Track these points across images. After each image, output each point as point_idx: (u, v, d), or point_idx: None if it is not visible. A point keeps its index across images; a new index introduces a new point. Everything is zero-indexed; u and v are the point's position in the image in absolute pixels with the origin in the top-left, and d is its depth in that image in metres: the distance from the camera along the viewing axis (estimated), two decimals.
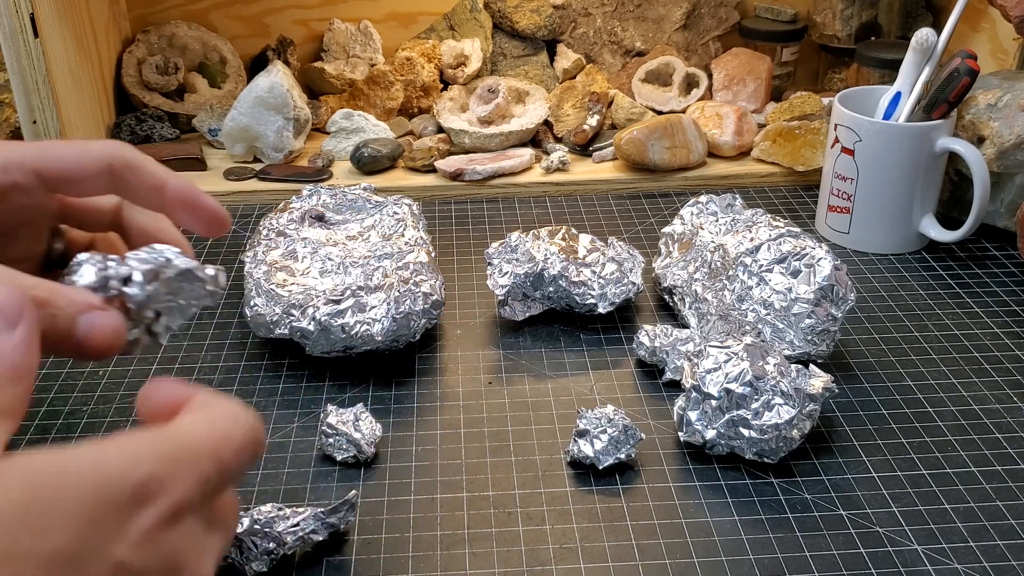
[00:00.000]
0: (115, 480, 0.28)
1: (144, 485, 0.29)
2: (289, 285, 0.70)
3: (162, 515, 0.29)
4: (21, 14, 0.87)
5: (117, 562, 0.28)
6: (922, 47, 0.83)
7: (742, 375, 0.58)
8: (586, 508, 0.57)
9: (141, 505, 0.29)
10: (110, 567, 0.28)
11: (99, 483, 0.28)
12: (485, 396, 0.67)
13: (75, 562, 0.27)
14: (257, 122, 0.99)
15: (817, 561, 0.53)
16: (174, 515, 0.30)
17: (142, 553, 0.29)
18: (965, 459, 0.61)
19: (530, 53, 1.13)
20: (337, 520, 0.54)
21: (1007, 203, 0.85)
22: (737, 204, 0.78)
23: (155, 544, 0.29)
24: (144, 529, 0.29)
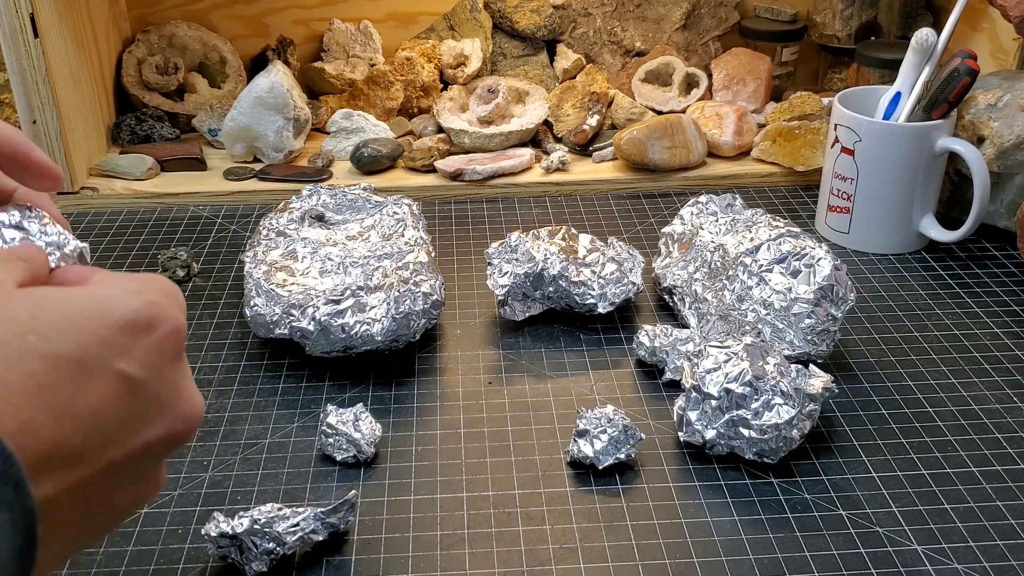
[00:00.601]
0: (116, 309, 0.32)
1: (139, 317, 0.33)
2: (289, 285, 0.70)
3: (160, 340, 0.33)
4: (21, 14, 0.87)
5: (117, 370, 0.32)
6: (922, 47, 0.83)
7: (742, 375, 0.58)
8: (586, 508, 0.57)
9: (144, 331, 0.33)
10: (111, 373, 0.31)
11: (102, 311, 0.32)
12: (485, 396, 0.67)
13: (77, 364, 0.31)
14: (257, 122, 0.99)
15: (817, 561, 0.53)
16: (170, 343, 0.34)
17: (140, 367, 0.32)
18: (965, 459, 0.61)
19: (530, 53, 1.13)
20: (337, 520, 0.54)
21: (1007, 203, 0.85)
22: (737, 204, 0.78)
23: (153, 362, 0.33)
24: (148, 346, 0.33)
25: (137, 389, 0.33)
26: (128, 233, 0.91)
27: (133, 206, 0.96)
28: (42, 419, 0.29)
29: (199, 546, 0.54)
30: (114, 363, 0.32)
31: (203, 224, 0.92)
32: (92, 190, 0.96)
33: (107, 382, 0.32)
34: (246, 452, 0.62)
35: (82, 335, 0.31)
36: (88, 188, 0.96)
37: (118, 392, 0.32)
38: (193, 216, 0.94)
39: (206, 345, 0.73)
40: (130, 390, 0.32)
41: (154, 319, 0.33)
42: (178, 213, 0.95)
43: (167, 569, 0.53)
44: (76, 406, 0.30)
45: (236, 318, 0.76)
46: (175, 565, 0.53)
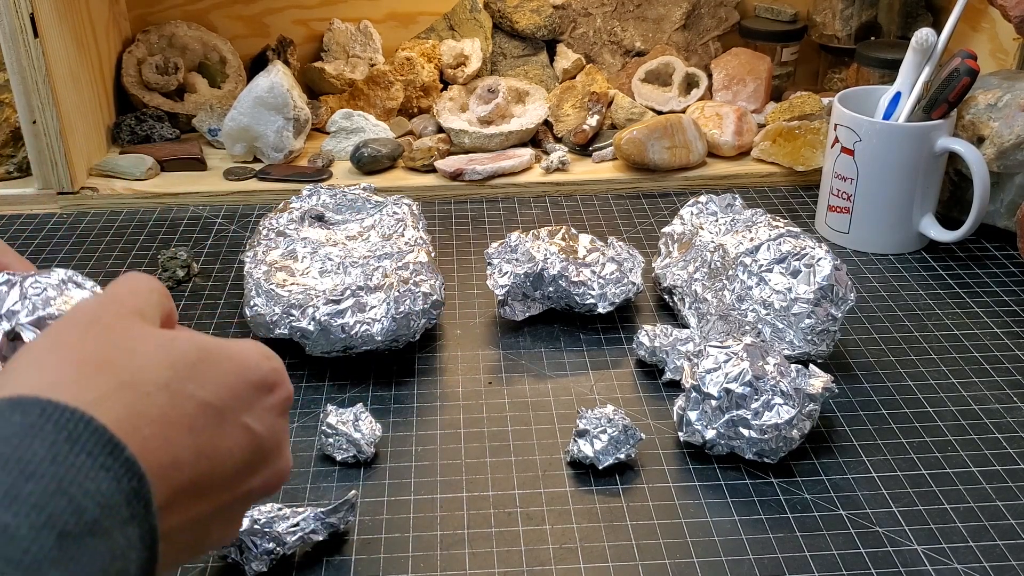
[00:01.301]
0: (252, 369, 0.37)
1: (269, 378, 0.38)
2: (289, 285, 0.70)
3: (278, 402, 0.38)
4: (21, 14, 0.87)
5: (244, 423, 0.36)
6: (922, 47, 0.83)
7: (742, 375, 0.58)
8: (586, 508, 0.57)
9: (267, 391, 0.37)
10: (240, 425, 0.36)
11: (242, 366, 0.37)
12: (485, 396, 0.67)
13: (218, 413, 0.35)
14: (257, 122, 0.99)
15: (817, 561, 0.53)
16: (283, 407, 0.39)
17: (260, 424, 0.37)
18: (965, 459, 0.61)
19: (530, 53, 1.13)
20: (337, 520, 0.54)
21: (1007, 203, 0.85)
22: (737, 204, 0.78)
23: (271, 421, 0.37)
24: (268, 407, 0.37)
25: (256, 442, 0.36)
26: (128, 233, 0.91)
27: (133, 206, 0.96)
28: (188, 456, 0.33)
29: None
30: (243, 416, 0.36)
31: (203, 224, 0.92)
32: (92, 190, 0.96)
33: (237, 433, 0.36)
34: None
35: (225, 388, 0.35)
36: (88, 188, 0.96)
37: (243, 442, 0.36)
38: (193, 216, 0.94)
39: None
40: (251, 442, 0.36)
41: (277, 383, 0.38)
42: (178, 213, 0.95)
43: None
44: (213, 449, 0.34)
45: (236, 318, 0.76)
46: None
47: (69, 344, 0.33)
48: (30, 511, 0.27)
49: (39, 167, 0.94)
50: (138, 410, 0.32)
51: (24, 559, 0.26)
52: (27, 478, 0.27)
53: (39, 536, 0.27)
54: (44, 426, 0.29)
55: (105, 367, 0.32)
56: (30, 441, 0.28)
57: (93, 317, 0.35)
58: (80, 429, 0.29)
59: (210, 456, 0.34)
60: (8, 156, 0.99)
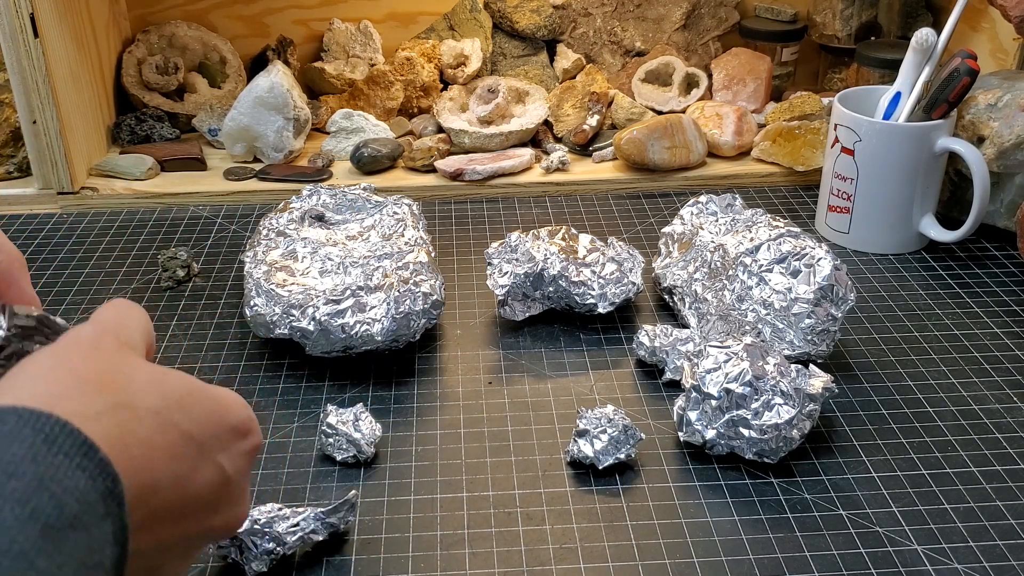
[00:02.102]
0: (232, 412, 0.39)
1: (245, 424, 0.40)
2: (289, 285, 0.70)
3: (249, 448, 0.40)
4: (21, 14, 0.87)
5: (218, 462, 0.38)
6: (922, 47, 0.83)
7: (742, 375, 0.58)
8: (586, 508, 0.57)
9: (242, 436, 0.40)
10: (214, 463, 0.38)
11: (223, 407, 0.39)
12: (485, 396, 0.67)
13: (198, 447, 0.37)
14: (257, 122, 0.99)
15: (817, 561, 0.53)
16: (253, 454, 0.41)
17: (231, 465, 0.39)
18: (965, 459, 0.61)
19: (530, 53, 1.13)
20: (337, 520, 0.54)
21: (1007, 203, 0.85)
22: (737, 204, 0.78)
23: (240, 465, 0.40)
24: (240, 451, 0.40)
25: (225, 480, 0.39)
26: (128, 233, 0.91)
27: (133, 206, 0.96)
28: (166, 482, 0.35)
29: None
30: (218, 455, 0.38)
31: (203, 224, 0.92)
32: (92, 190, 0.96)
33: (211, 468, 0.38)
34: None
35: (207, 425, 0.38)
36: (88, 188, 0.96)
37: (214, 479, 0.38)
38: (193, 216, 0.94)
39: (206, 345, 0.73)
40: (222, 480, 0.38)
41: (251, 431, 0.41)
42: (178, 213, 0.95)
43: None
44: (188, 480, 0.36)
45: (236, 318, 0.76)
46: None
47: (72, 363, 0.36)
48: (15, 505, 0.29)
49: (39, 167, 0.94)
50: (129, 429, 0.34)
51: (12, 548, 0.28)
52: (9, 476, 0.29)
53: (24, 528, 0.29)
54: (22, 430, 0.31)
55: (105, 387, 0.35)
56: (9, 443, 0.30)
57: (94, 343, 0.38)
58: (56, 432, 0.31)
59: (185, 486, 0.36)
60: (8, 156, 0.99)
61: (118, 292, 0.80)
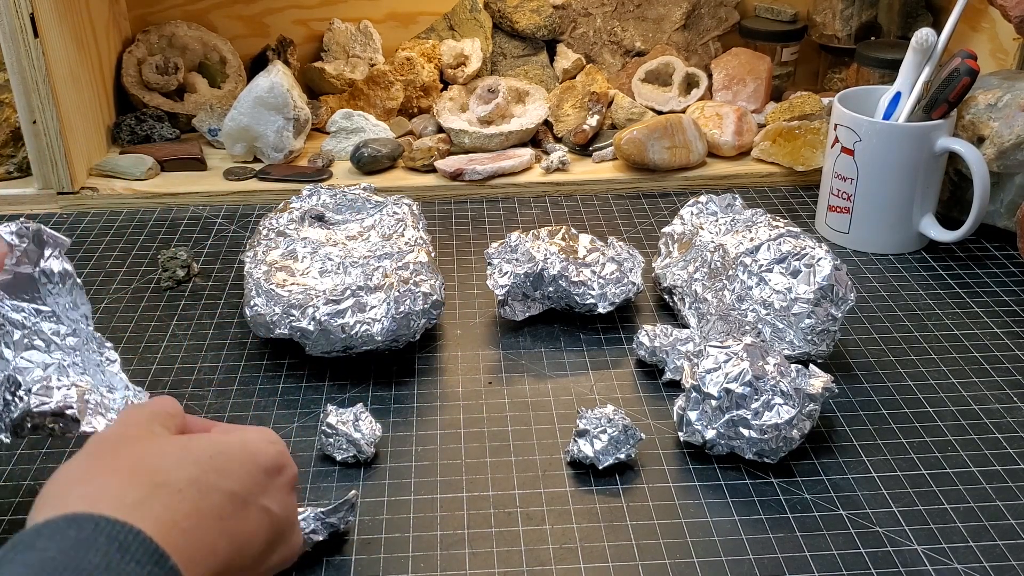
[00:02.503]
0: (261, 454, 0.42)
1: (276, 462, 0.42)
2: (289, 285, 0.70)
3: (287, 482, 0.42)
4: (21, 14, 0.87)
5: (263, 506, 0.40)
6: (922, 47, 0.83)
7: (742, 375, 0.58)
8: (586, 508, 0.57)
9: (277, 473, 0.42)
10: (259, 508, 0.40)
11: (253, 453, 0.41)
12: (485, 396, 0.67)
13: (241, 500, 0.39)
14: (257, 122, 0.99)
15: (817, 561, 0.53)
16: (292, 485, 0.43)
17: (276, 504, 0.41)
18: (965, 459, 0.61)
19: (530, 53, 1.13)
20: (337, 520, 0.54)
21: (1007, 203, 0.85)
22: (737, 204, 0.78)
23: (284, 500, 0.42)
24: (279, 488, 0.42)
25: (274, 521, 0.41)
26: (128, 233, 0.91)
27: (133, 206, 0.96)
28: (222, 543, 0.37)
29: None
30: (261, 499, 0.40)
31: (203, 224, 0.92)
32: (92, 190, 0.96)
33: (257, 516, 0.40)
34: None
35: (244, 476, 0.40)
36: (88, 188, 0.96)
37: (264, 523, 0.40)
38: (193, 216, 0.94)
39: (206, 345, 0.73)
40: (271, 522, 0.40)
41: (283, 464, 0.43)
42: (178, 213, 0.95)
43: None
44: (240, 532, 0.39)
45: (236, 318, 0.76)
46: None
47: (103, 459, 0.38)
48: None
49: (39, 167, 0.94)
50: (174, 507, 0.36)
51: None
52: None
53: None
54: (98, 538, 0.32)
55: (138, 473, 0.37)
56: (85, 552, 0.32)
57: (121, 434, 0.40)
58: (130, 540, 0.33)
59: (239, 540, 0.38)
60: (8, 156, 0.99)
61: (118, 292, 0.80)
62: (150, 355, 0.72)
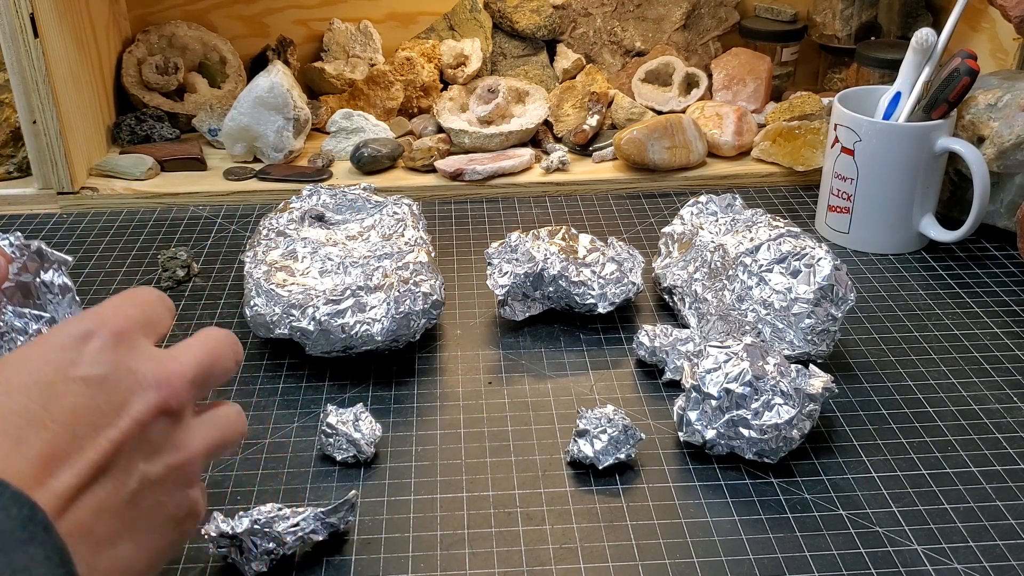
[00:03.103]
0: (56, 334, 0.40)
1: (84, 332, 0.39)
2: (289, 285, 0.70)
3: (105, 341, 0.39)
4: (21, 14, 0.87)
5: (81, 377, 0.38)
6: (922, 47, 0.83)
7: (742, 375, 0.58)
8: (586, 508, 0.57)
9: (86, 341, 0.39)
10: (72, 380, 0.38)
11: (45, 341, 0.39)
12: (485, 396, 0.67)
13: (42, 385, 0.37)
14: (257, 122, 0.99)
15: (817, 561, 0.53)
16: (116, 338, 0.40)
17: (97, 366, 0.38)
18: (965, 459, 0.61)
19: (530, 53, 1.13)
20: (337, 520, 0.54)
21: (1007, 203, 0.85)
22: (737, 204, 0.78)
23: (109, 358, 0.39)
24: (93, 351, 0.39)
25: (99, 382, 0.38)
26: (128, 233, 0.91)
27: (133, 206, 0.96)
28: (28, 434, 0.36)
29: (199, 546, 0.54)
30: (70, 372, 0.38)
31: (203, 224, 0.92)
32: (92, 190, 0.96)
33: (71, 387, 0.38)
34: (246, 452, 0.62)
35: (31, 364, 0.38)
36: (88, 188, 0.96)
37: (84, 391, 0.38)
38: (193, 216, 0.94)
39: None
40: (94, 385, 0.38)
41: (89, 330, 0.40)
42: (178, 213, 0.95)
43: (167, 569, 0.53)
44: (53, 414, 0.36)
45: (236, 318, 0.76)
46: (175, 565, 0.53)
47: None
48: None
49: (39, 167, 0.94)
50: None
51: None
52: None
53: None
54: None
55: None
56: None
57: None
58: None
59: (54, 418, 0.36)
60: (8, 156, 0.99)
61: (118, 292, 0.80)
62: None
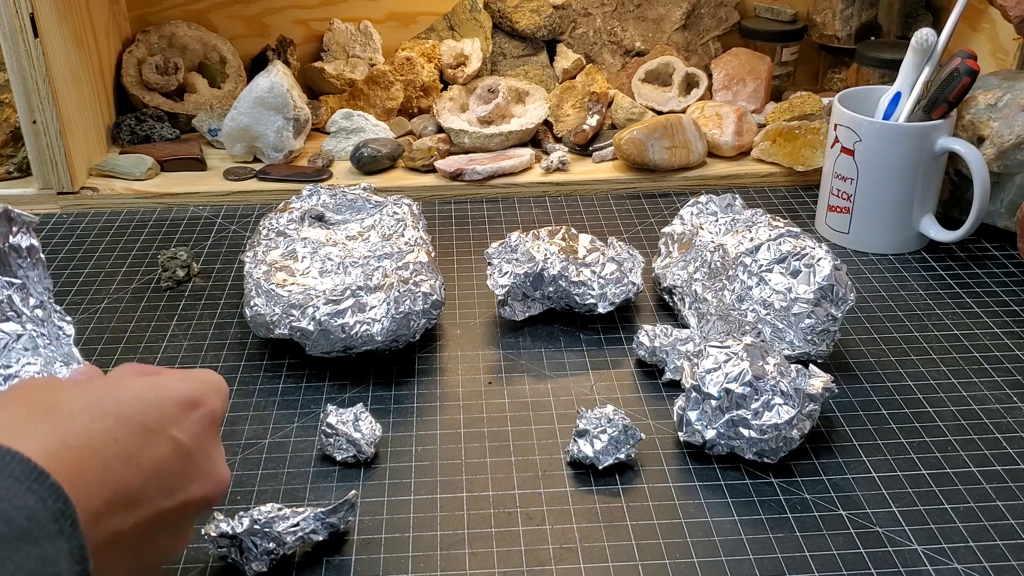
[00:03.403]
0: (170, 390, 0.43)
1: (189, 396, 0.43)
2: (289, 285, 0.70)
3: (203, 417, 0.43)
4: (21, 14, 0.87)
5: (170, 435, 0.41)
6: (922, 47, 0.83)
7: (742, 375, 0.58)
8: (586, 508, 0.57)
9: (190, 407, 0.43)
10: (166, 436, 0.41)
11: (159, 386, 0.43)
12: (485, 396, 0.67)
13: (141, 426, 0.40)
14: (257, 122, 0.99)
15: (817, 561, 0.53)
16: (211, 421, 0.44)
17: (186, 435, 0.42)
18: (965, 459, 0.61)
19: (530, 53, 1.13)
20: (337, 520, 0.54)
21: (1007, 203, 0.85)
22: (737, 204, 0.78)
23: (198, 433, 0.43)
24: (194, 421, 0.43)
25: (184, 452, 0.41)
26: (128, 233, 0.91)
27: (133, 206, 0.96)
28: (117, 464, 0.38)
29: (199, 546, 0.54)
30: (169, 429, 0.41)
31: (203, 224, 0.92)
32: (92, 190, 0.96)
33: (164, 443, 0.41)
34: (246, 452, 0.62)
35: (145, 404, 0.41)
36: (88, 188, 0.96)
37: (171, 452, 0.41)
38: (193, 216, 0.94)
39: (206, 345, 0.73)
40: (180, 453, 0.41)
41: (198, 400, 0.43)
42: (178, 213, 0.95)
43: (167, 569, 0.53)
44: (140, 457, 0.39)
45: (236, 318, 0.76)
46: (175, 565, 0.53)
47: (6, 396, 0.40)
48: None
49: (39, 167, 0.94)
50: (63, 427, 0.38)
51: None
52: None
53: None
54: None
55: (31, 403, 0.39)
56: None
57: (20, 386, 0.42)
58: (7, 460, 0.34)
59: (139, 463, 0.39)
60: (8, 156, 0.99)
61: (118, 292, 0.80)
62: (150, 355, 0.72)
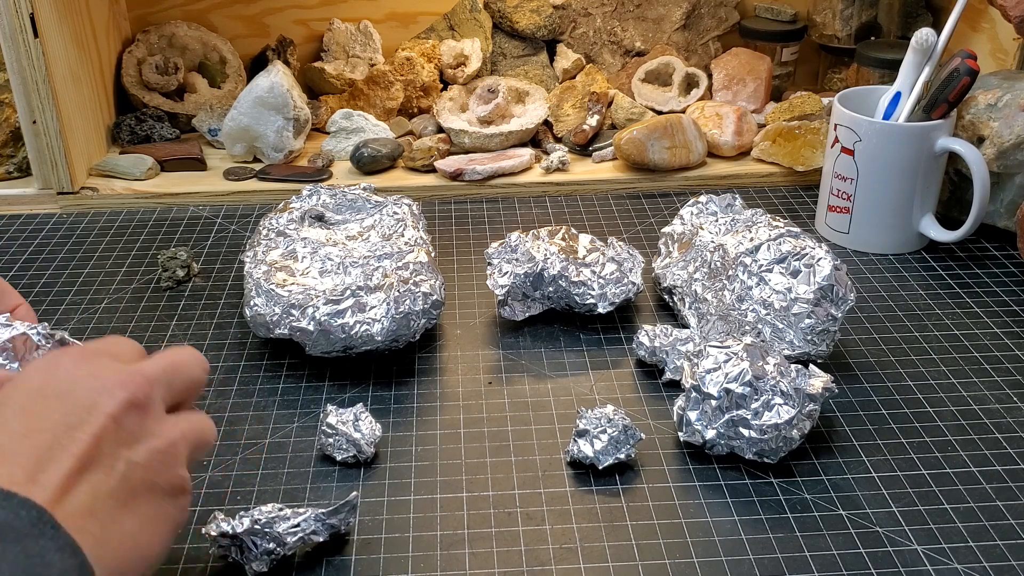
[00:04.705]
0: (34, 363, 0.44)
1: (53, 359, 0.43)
2: (289, 285, 0.70)
3: (71, 361, 0.43)
4: (21, 14, 0.87)
5: (53, 394, 0.41)
6: (922, 47, 0.83)
7: (742, 375, 0.58)
8: (586, 508, 0.57)
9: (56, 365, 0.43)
10: (49, 398, 0.41)
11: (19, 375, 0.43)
12: (485, 396, 0.67)
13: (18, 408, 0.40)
14: (257, 122, 0.99)
15: (817, 561, 0.53)
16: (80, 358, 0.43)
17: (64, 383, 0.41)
18: (965, 459, 0.61)
19: (530, 53, 1.13)
20: (338, 521, 0.54)
21: (1007, 203, 0.85)
22: (737, 204, 0.78)
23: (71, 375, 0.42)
24: (61, 372, 0.42)
25: (68, 394, 0.41)
26: (128, 233, 0.91)
27: (133, 206, 0.96)
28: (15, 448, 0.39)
29: (199, 546, 0.54)
30: (44, 393, 0.41)
31: (203, 224, 0.92)
32: (92, 190, 0.96)
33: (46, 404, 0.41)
34: (246, 452, 0.62)
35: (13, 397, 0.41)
36: (88, 188, 0.96)
37: (57, 404, 0.40)
38: (193, 216, 0.94)
39: (206, 345, 0.73)
40: (64, 397, 0.41)
41: (58, 358, 0.43)
42: (178, 213, 0.95)
43: (167, 569, 0.53)
44: (33, 429, 0.39)
45: (236, 318, 0.76)
46: (175, 565, 0.53)
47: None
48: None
49: (39, 167, 0.94)
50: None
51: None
52: None
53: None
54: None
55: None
56: None
57: None
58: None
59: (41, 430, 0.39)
60: (8, 156, 0.99)
61: (118, 292, 0.80)
62: None
